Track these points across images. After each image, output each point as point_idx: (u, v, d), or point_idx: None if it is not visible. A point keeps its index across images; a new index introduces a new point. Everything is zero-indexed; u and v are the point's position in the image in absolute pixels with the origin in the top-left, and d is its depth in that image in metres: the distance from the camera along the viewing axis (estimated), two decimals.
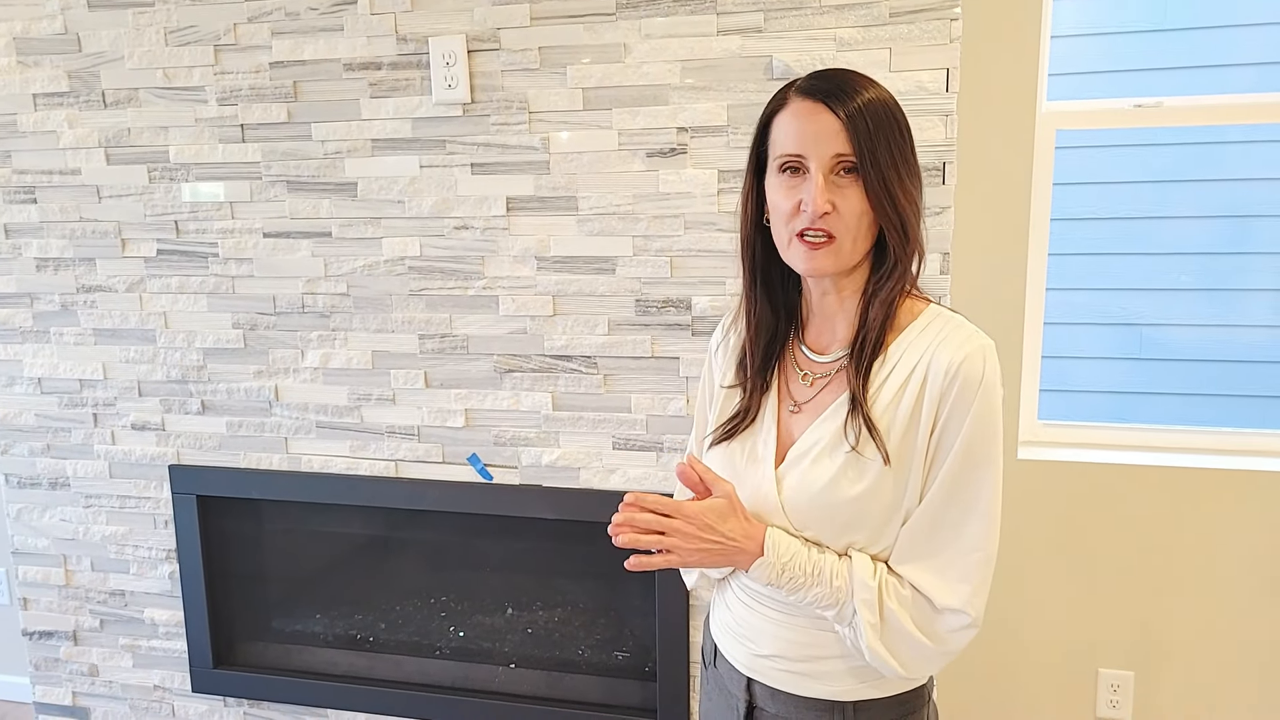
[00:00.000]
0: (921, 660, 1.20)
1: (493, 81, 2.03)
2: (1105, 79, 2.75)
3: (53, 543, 2.54)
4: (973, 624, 1.18)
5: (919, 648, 1.19)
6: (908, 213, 1.16)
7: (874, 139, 1.13)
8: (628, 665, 2.32)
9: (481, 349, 2.15)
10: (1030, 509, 2.42)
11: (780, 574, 1.20)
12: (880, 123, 1.14)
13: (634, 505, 1.20)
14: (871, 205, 1.14)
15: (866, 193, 1.14)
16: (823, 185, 1.13)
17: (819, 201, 1.13)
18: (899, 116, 1.17)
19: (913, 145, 1.19)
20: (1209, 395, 2.78)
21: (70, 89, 2.24)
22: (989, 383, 1.15)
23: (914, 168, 1.18)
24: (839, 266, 1.18)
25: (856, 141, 1.12)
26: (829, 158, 1.14)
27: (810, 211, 1.14)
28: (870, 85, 1.17)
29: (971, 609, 1.17)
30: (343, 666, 2.47)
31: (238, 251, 2.24)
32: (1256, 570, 2.36)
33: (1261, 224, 2.65)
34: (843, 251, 1.16)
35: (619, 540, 1.18)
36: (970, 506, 1.17)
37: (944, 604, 1.17)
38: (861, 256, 1.19)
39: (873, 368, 1.20)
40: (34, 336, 2.40)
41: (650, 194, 1.99)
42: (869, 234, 1.17)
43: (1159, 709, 2.47)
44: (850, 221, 1.15)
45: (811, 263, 1.17)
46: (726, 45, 1.90)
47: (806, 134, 1.15)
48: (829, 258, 1.16)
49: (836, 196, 1.14)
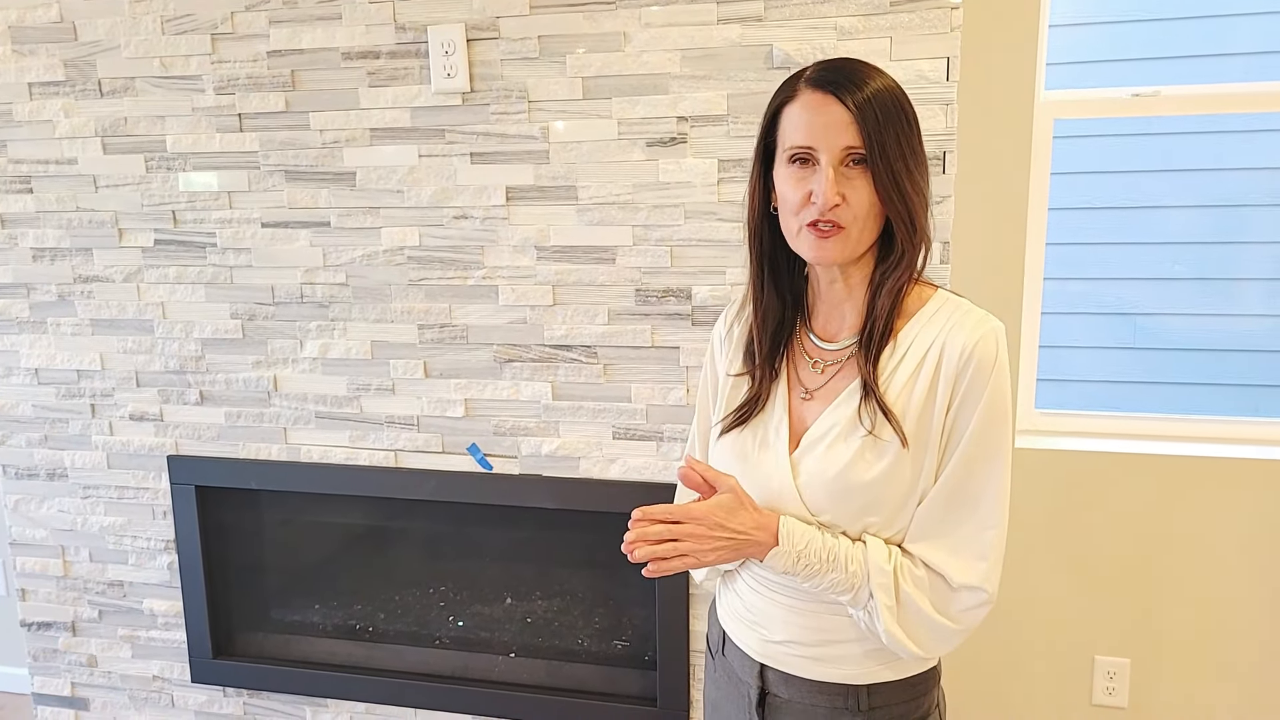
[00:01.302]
0: (939, 639, 1.22)
1: (492, 70, 2.02)
2: (1103, 68, 2.75)
3: (51, 533, 2.53)
4: (989, 600, 1.20)
5: (936, 628, 1.20)
6: (915, 204, 1.17)
7: (883, 131, 1.13)
8: (627, 654, 2.33)
9: (481, 339, 2.15)
10: (1028, 497, 2.43)
11: (796, 562, 1.21)
12: (889, 114, 1.14)
13: (642, 520, 1.21)
14: (880, 197, 1.15)
15: (875, 185, 1.15)
16: (833, 178, 1.14)
17: (829, 195, 1.13)
18: (907, 107, 1.18)
19: (920, 135, 1.19)
20: (1204, 384, 2.79)
21: (66, 78, 2.23)
22: (1001, 365, 1.18)
23: (921, 158, 1.19)
24: (847, 256, 1.19)
25: (866, 134, 1.13)
26: (839, 150, 1.14)
27: (820, 204, 1.14)
28: (879, 76, 1.17)
29: (989, 585, 1.20)
30: (342, 656, 2.47)
31: (236, 241, 2.23)
32: (1251, 557, 2.37)
33: (1256, 213, 2.65)
34: (850, 241, 1.17)
35: (634, 556, 1.19)
36: (984, 485, 1.19)
37: (960, 581, 1.19)
38: (869, 246, 1.20)
39: (883, 354, 1.21)
40: (31, 327, 2.40)
41: (650, 183, 1.99)
42: (876, 224, 1.18)
43: (1155, 695, 2.48)
44: (859, 212, 1.15)
45: (820, 252, 1.18)
46: (726, 34, 1.90)
47: (816, 126, 1.15)
48: (837, 247, 1.17)
49: (846, 188, 1.15)
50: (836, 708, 1.27)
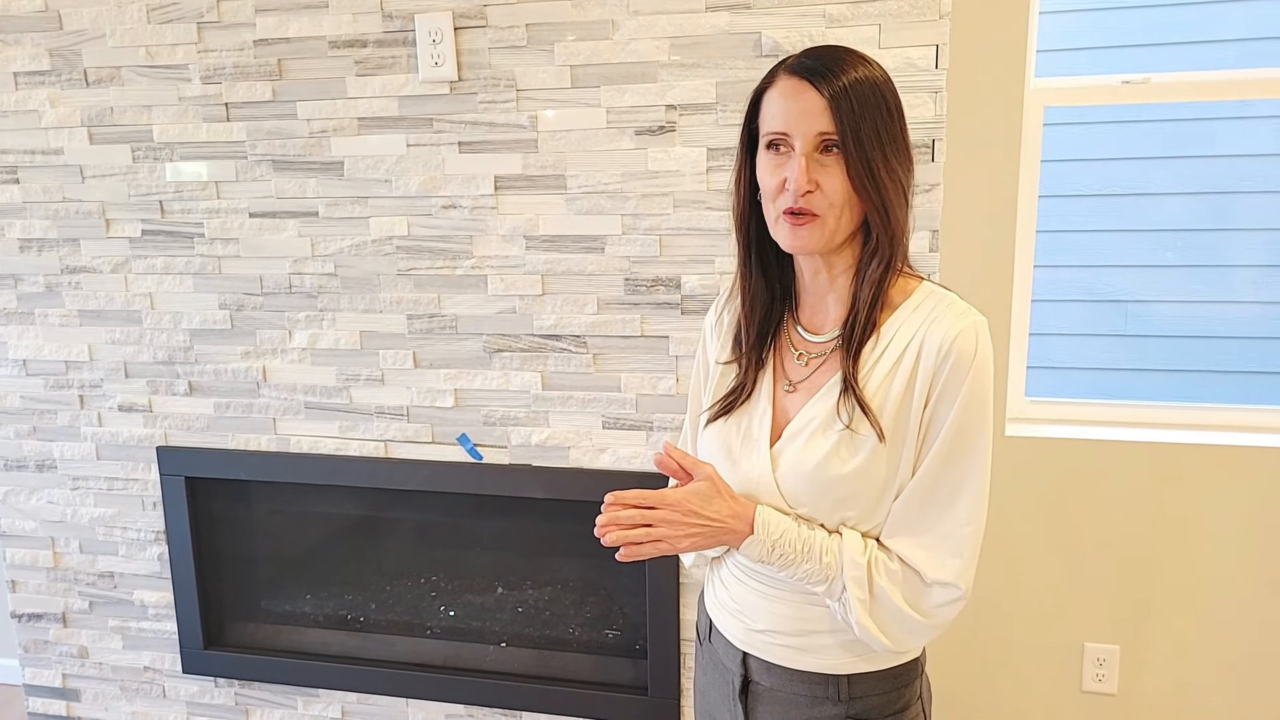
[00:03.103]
0: (910, 634, 1.22)
1: (480, 59, 2.01)
2: (1092, 55, 2.74)
3: (40, 525, 2.53)
4: (962, 597, 1.19)
5: (908, 622, 1.20)
6: (889, 193, 1.16)
7: (858, 118, 1.13)
8: (618, 643, 2.33)
9: (470, 329, 2.15)
10: (1018, 485, 2.44)
11: (771, 551, 1.21)
12: (866, 101, 1.13)
13: (615, 504, 1.20)
14: (853, 185, 1.14)
15: (848, 172, 1.14)
16: (804, 164, 1.14)
17: (800, 180, 1.14)
18: (888, 95, 1.17)
19: (903, 125, 1.18)
20: (1194, 371, 2.80)
21: (52, 67, 2.21)
22: (981, 360, 1.16)
23: (902, 148, 1.18)
24: (823, 244, 1.18)
25: (839, 120, 1.13)
26: (812, 136, 1.14)
27: (792, 190, 1.15)
28: (861, 63, 1.16)
29: (962, 582, 1.19)
30: (334, 646, 2.47)
31: (224, 232, 2.22)
32: (1241, 544, 2.38)
33: (1246, 200, 2.66)
34: (826, 229, 1.17)
35: (606, 540, 1.19)
36: (961, 482, 1.18)
37: (934, 578, 1.19)
38: (847, 235, 1.20)
39: (865, 347, 1.20)
40: (18, 318, 2.39)
41: (639, 172, 1.99)
42: (854, 213, 1.18)
43: (1144, 682, 2.49)
44: (834, 200, 1.15)
45: (795, 240, 1.18)
46: (715, 22, 1.89)
47: (792, 112, 1.15)
48: (812, 235, 1.17)
49: (820, 175, 1.14)
50: (817, 697, 1.28)
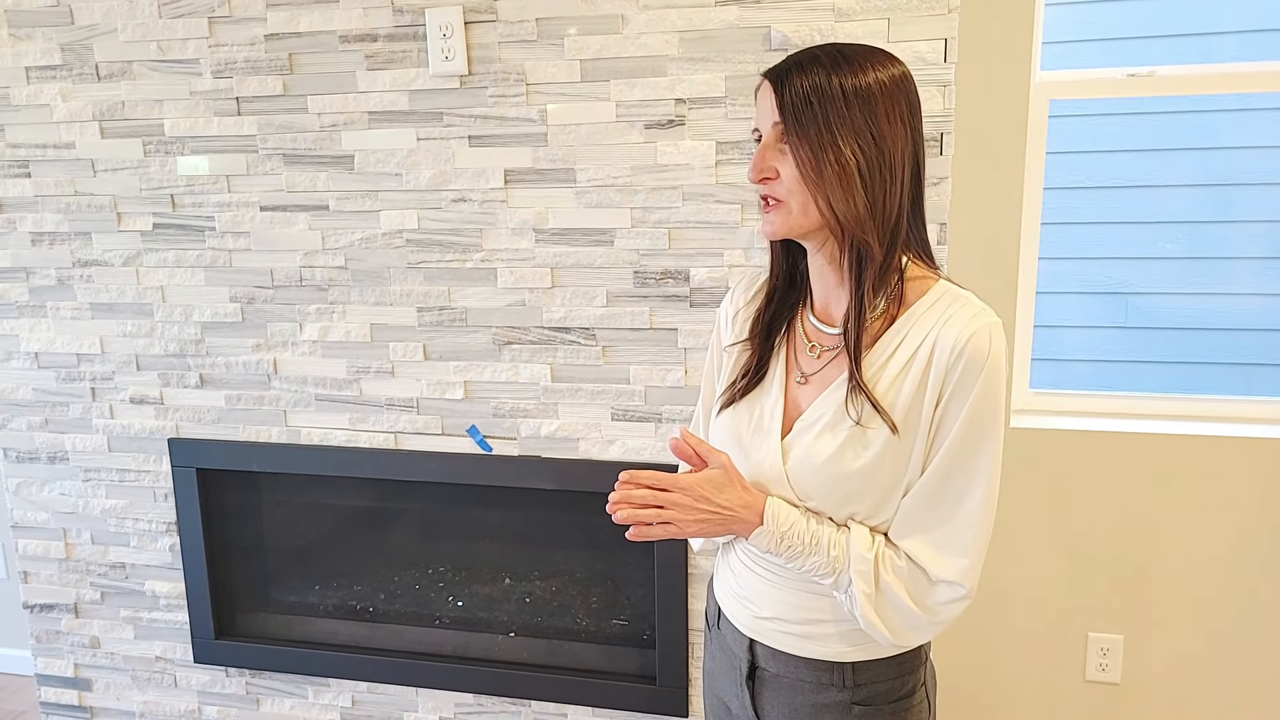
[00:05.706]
0: (913, 629, 1.23)
1: (490, 53, 2.02)
2: (1097, 47, 2.75)
3: (52, 516, 2.54)
4: (967, 596, 1.21)
5: (912, 618, 1.22)
6: (835, 184, 1.15)
7: (800, 108, 1.15)
8: (626, 632, 2.35)
9: (480, 321, 2.16)
10: (1022, 476, 2.46)
11: (779, 542, 1.23)
12: (821, 94, 1.15)
13: (629, 483, 1.23)
14: (799, 172, 1.17)
15: (794, 160, 1.17)
16: (760, 152, 1.21)
17: (752, 167, 1.21)
18: (862, 89, 1.15)
19: (880, 122, 1.16)
20: (1197, 363, 2.81)
21: (63, 62, 2.23)
22: (994, 360, 1.16)
23: (868, 141, 1.15)
24: (789, 230, 1.22)
25: (783, 109, 1.17)
26: (769, 127, 1.20)
27: (749, 174, 1.22)
28: (837, 63, 1.16)
29: (967, 581, 1.20)
30: (343, 636, 2.49)
31: (235, 225, 2.23)
32: (1243, 535, 2.40)
33: (1247, 192, 2.67)
34: (791, 215, 1.20)
35: (618, 517, 1.21)
36: (970, 482, 1.19)
37: (940, 576, 1.20)
38: (816, 224, 1.20)
39: (878, 342, 1.21)
40: (30, 311, 2.40)
41: (648, 165, 2.00)
42: (824, 202, 1.19)
43: (1148, 672, 2.52)
44: (791, 187, 1.19)
45: (762, 225, 1.25)
46: (724, 15, 1.90)
47: (761, 109, 1.22)
48: (775, 220, 1.22)
49: (779, 163, 1.20)
50: (822, 683, 1.29)
